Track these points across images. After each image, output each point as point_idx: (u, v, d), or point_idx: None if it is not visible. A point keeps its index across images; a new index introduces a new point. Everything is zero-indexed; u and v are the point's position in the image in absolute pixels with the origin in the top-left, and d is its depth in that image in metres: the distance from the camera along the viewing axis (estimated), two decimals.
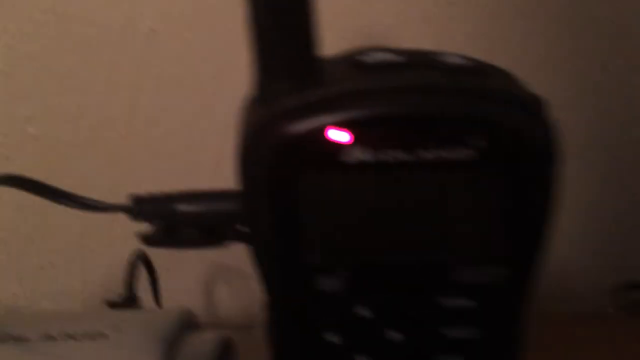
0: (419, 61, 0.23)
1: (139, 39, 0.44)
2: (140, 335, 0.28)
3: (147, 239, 0.26)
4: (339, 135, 0.22)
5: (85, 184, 0.47)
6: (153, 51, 0.45)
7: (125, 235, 0.47)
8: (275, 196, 0.23)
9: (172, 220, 0.25)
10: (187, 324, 0.30)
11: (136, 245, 0.42)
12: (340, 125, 0.22)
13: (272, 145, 0.22)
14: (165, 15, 0.44)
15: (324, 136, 0.22)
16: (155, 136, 0.47)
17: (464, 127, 0.22)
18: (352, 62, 0.23)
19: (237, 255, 0.51)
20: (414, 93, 0.22)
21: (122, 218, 0.49)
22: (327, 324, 0.25)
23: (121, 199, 0.26)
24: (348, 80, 0.22)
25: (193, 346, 0.28)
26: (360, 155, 0.22)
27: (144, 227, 0.27)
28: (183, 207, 0.25)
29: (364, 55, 0.23)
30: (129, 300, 0.37)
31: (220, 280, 0.52)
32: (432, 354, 0.25)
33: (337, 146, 0.22)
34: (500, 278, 0.24)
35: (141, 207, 0.25)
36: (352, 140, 0.22)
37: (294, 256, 0.24)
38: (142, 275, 0.40)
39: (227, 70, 0.45)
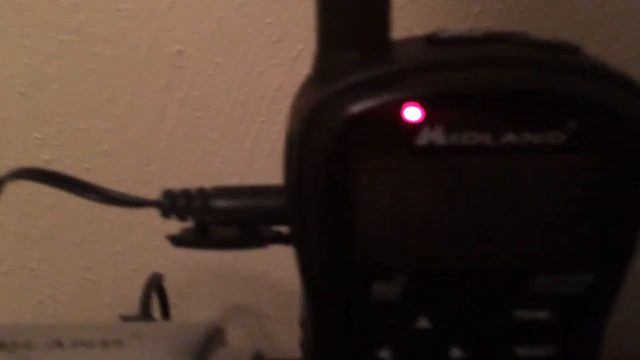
0: (498, 36, 0.21)
1: (165, 62, 0.43)
2: (162, 345, 0.24)
3: (177, 240, 0.23)
4: (411, 114, 0.19)
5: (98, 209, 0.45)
6: (179, 75, 0.43)
7: (134, 269, 0.45)
8: (332, 186, 0.20)
9: (207, 217, 0.23)
10: (215, 338, 0.27)
11: (145, 278, 0.41)
12: (413, 101, 0.19)
13: (334, 124, 0.20)
14: (194, 38, 0.42)
15: (394, 114, 0.19)
16: (176, 163, 0.45)
17: (554, 105, 0.19)
18: (425, 39, 0.21)
19: (250, 294, 0.49)
20: (496, 66, 0.19)
21: (131, 251, 0.47)
22: (381, 339, 0.22)
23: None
24: (422, 56, 0.20)
25: (223, 358, 0.24)
26: (433, 136, 0.19)
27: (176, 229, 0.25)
28: (219, 203, 0.23)
29: (437, 33, 0.21)
30: (145, 317, 0.33)
31: (233, 320, 0.49)
32: None
33: (408, 126, 0.19)
34: (584, 288, 0.21)
35: (174, 201, 0.23)
36: (426, 120, 0.19)
37: (347, 259, 0.21)
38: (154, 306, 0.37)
39: (254, 97, 0.43)
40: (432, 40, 0.21)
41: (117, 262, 0.47)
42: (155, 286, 0.35)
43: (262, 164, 0.44)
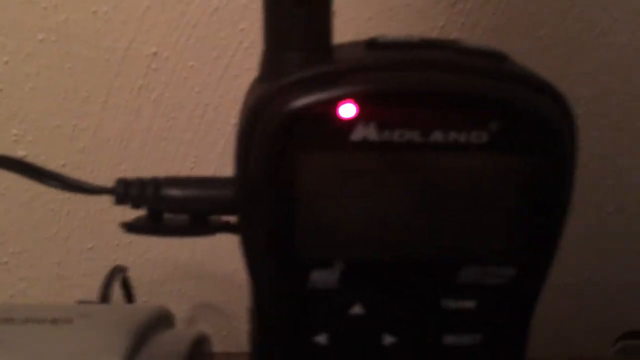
0: (434, 43, 0.22)
1: (140, 64, 0.44)
2: (107, 324, 0.26)
3: (130, 226, 0.24)
4: (346, 111, 0.21)
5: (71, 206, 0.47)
6: (153, 77, 0.44)
7: (105, 265, 0.46)
8: (274, 178, 0.22)
9: (159, 205, 0.24)
10: (162, 321, 0.28)
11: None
12: (348, 99, 0.21)
13: (276, 120, 0.21)
14: (169, 41, 0.44)
15: (331, 111, 0.21)
16: (150, 163, 0.46)
17: (478, 107, 0.21)
18: (365, 43, 0.22)
19: (220, 293, 0.50)
20: (428, 69, 0.21)
21: (102, 248, 0.48)
22: (318, 325, 0.23)
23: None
24: (359, 57, 0.22)
25: (165, 340, 0.25)
26: (367, 133, 0.21)
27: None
28: (170, 192, 0.24)
29: (376, 37, 0.22)
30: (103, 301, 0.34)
31: (202, 318, 0.50)
32: None
33: (344, 122, 0.21)
34: (508, 280, 0.23)
35: (127, 189, 0.24)
36: (361, 117, 0.21)
37: (288, 248, 0.23)
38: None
39: (228, 100, 0.45)
40: (371, 44, 0.22)
41: (88, 258, 0.49)
42: (120, 278, 0.36)
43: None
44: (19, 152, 0.46)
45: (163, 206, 0.24)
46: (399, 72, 0.21)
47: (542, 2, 0.43)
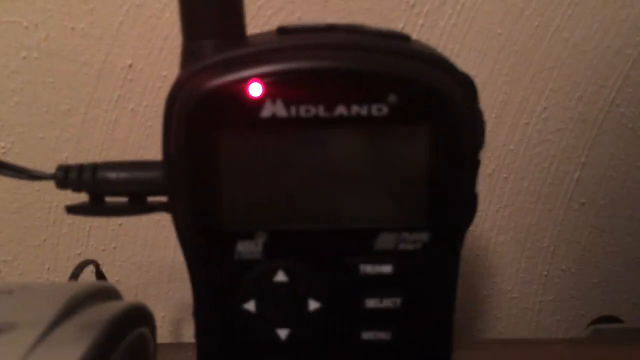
0: (340, 27, 0.24)
1: (117, 76, 0.47)
2: (44, 295, 0.27)
3: (72, 208, 0.26)
4: (255, 89, 0.23)
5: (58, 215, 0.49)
6: (130, 87, 0.47)
7: (92, 270, 0.48)
8: (195, 156, 0.24)
9: (97, 188, 0.26)
10: (104, 294, 0.29)
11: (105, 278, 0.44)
12: (256, 79, 0.23)
13: (192, 100, 0.23)
14: (143, 53, 0.46)
15: (241, 90, 0.23)
16: None
17: (376, 82, 0.22)
18: (276, 30, 0.24)
19: None
20: (330, 48, 0.23)
21: (90, 253, 0.50)
22: (246, 293, 0.25)
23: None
24: (269, 42, 0.24)
25: (97, 311, 0.27)
26: (276, 110, 0.23)
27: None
28: (107, 175, 0.26)
29: (286, 24, 0.24)
30: None
31: (188, 320, 0.52)
32: (353, 327, 0.25)
33: (253, 101, 0.23)
34: (422, 245, 0.24)
35: (67, 174, 0.26)
36: (267, 95, 0.23)
37: (213, 222, 0.24)
38: None
39: None
40: (281, 30, 0.24)
41: (76, 264, 0.51)
42: (96, 273, 0.38)
43: None
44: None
45: (101, 189, 0.26)
46: (303, 52, 0.23)
47: (498, 1, 0.45)
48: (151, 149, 0.48)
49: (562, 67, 0.46)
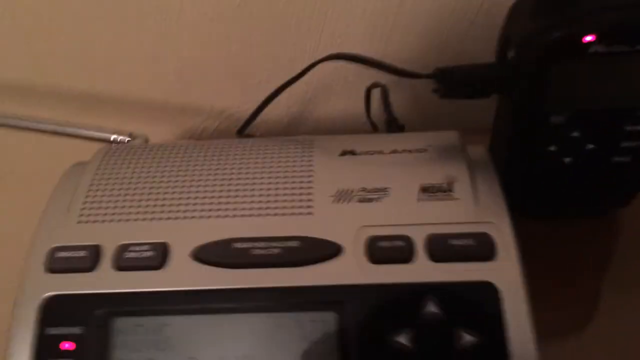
0: None
1: None
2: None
3: (439, 92, 0.41)
4: (588, 38, 0.37)
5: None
6: None
7: None
8: (542, 78, 0.39)
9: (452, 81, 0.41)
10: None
11: None
12: (588, 31, 0.36)
13: (545, 46, 0.37)
14: None
15: (578, 38, 0.37)
16: None
17: None
18: None
19: None
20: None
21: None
22: (552, 142, 0.42)
23: None
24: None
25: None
26: (600, 48, 0.37)
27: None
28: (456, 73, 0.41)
29: None
30: None
31: None
32: (611, 157, 0.42)
33: (585, 44, 0.37)
34: None
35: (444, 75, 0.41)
36: (595, 40, 0.36)
37: (541, 107, 0.40)
38: None
39: None
40: None
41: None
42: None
43: None
44: None
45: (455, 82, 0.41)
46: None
47: None
48: None
49: None
